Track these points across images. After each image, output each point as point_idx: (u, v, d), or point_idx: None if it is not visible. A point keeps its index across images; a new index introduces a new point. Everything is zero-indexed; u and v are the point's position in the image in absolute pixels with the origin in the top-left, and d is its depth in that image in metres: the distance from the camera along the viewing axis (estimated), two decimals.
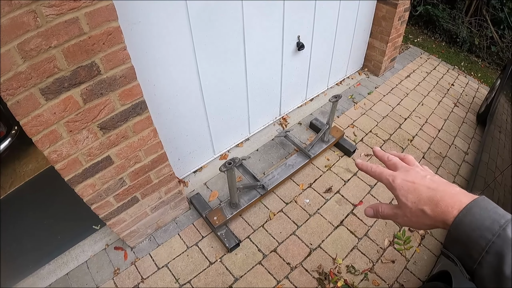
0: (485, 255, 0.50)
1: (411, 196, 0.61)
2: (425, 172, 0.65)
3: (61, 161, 1.62)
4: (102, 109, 1.61)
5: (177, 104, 2.39)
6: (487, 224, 0.51)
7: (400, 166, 0.68)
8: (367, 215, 0.72)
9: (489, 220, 0.51)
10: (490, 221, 0.51)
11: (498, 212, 0.52)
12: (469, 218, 0.53)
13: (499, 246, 0.49)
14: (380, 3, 3.83)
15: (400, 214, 0.64)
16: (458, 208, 0.55)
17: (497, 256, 0.49)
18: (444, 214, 0.56)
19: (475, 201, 0.54)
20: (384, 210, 0.68)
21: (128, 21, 1.77)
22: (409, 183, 0.62)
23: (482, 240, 0.50)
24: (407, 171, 0.65)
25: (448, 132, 3.83)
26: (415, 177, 0.63)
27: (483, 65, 6.13)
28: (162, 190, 2.29)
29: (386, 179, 0.66)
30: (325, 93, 4.02)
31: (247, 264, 2.41)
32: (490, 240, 0.49)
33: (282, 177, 2.82)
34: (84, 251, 2.45)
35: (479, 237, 0.51)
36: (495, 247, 0.49)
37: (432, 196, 0.59)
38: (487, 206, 0.53)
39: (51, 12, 1.24)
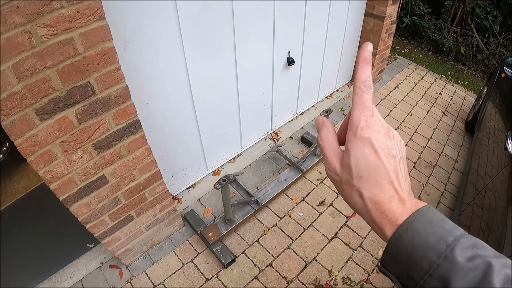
0: (428, 278, 0.41)
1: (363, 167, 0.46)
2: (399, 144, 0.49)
3: (56, 181, 1.62)
4: (96, 129, 1.62)
5: (170, 122, 2.40)
6: (431, 242, 0.41)
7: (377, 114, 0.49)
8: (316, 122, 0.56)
9: (434, 237, 0.41)
10: (435, 238, 0.41)
11: (445, 226, 0.42)
12: (410, 233, 0.43)
13: (445, 270, 0.40)
14: (367, 17, 3.90)
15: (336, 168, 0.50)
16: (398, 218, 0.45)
17: (442, 282, 0.40)
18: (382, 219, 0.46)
19: (418, 212, 0.44)
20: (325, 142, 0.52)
21: (121, 40, 1.78)
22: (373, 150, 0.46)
23: (425, 262, 0.41)
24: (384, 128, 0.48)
25: (437, 141, 3.88)
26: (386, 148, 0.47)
27: (470, 73, 6.24)
28: (156, 207, 2.29)
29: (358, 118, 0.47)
30: (315, 107, 4.05)
31: (243, 280, 2.41)
32: (435, 263, 0.40)
33: (276, 191, 2.83)
34: (78, 269, 2.43)
35: (422, 258, 0.41)
36: (440, 271, 0.40)
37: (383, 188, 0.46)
38: (432, 218, 0.43)
39: (46, 33, 1.25)
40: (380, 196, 0.46)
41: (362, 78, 0.49)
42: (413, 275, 0.42)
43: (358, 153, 0.46)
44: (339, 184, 0.50)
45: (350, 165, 0.47)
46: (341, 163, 0.49)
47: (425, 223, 0.43)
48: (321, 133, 0.53)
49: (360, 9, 3.81)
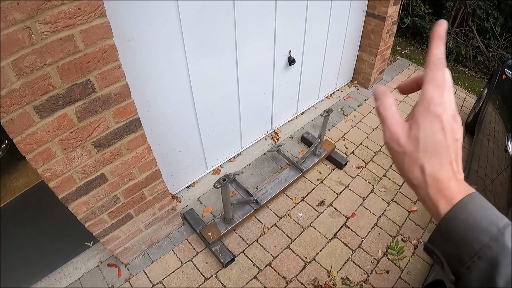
0: (477, 260, 0.42)
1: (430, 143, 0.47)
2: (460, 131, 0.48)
3: (55, 179, 1.61)
4: (96, 127, 1.61)
5: (170, 120, 2.39)
6: (484, 226, 0.43)
7: None
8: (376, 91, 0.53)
9: (486, 220, 0.43)
10: (487, 222, 0.43)
11: (495, 213, 0.44)
12: (464, 214, 0.44)
13: (495, 253, 0.41)
14: (368, 17, 3.89)
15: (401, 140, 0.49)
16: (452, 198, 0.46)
17: (490, 263, 0.41)
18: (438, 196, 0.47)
19: (472, 196, 0.46)
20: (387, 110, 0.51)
21: (122, 37, 1.78)
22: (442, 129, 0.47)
23: (476, 243, 0.43)
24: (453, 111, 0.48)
25: None
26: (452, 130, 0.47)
27: (470, 74, 6.24)
28: (156, 206, 2.28)
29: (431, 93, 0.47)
30: (315, 107, 4.05)
31: (242, 279, 2.40)
32: (486, 244, 0.42)
33: (275, 191, 2.83)
34: (77, 268, 2.42)
35: (474, 240, 0.43)
36: (490, 253, 0.42)
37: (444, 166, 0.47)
38: (483, 204, 0.45)
39: (46, 29, 1.24)
40: (440, 174, 0.47)
41: (438, 55, 0.49)
42: (462, 255, 0.44)
43: (428, 127, 0.47)
44: (401, 156, 0.49)
45: (419, 137, 0.47)
46: (407, 134, 0.48)
47: (478, 207, 0.45)
48: (384, 101, 0.51)
49: (361, 9, 3.80)
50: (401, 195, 3.12)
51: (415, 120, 0.48)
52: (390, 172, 3.35)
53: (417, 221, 2.90)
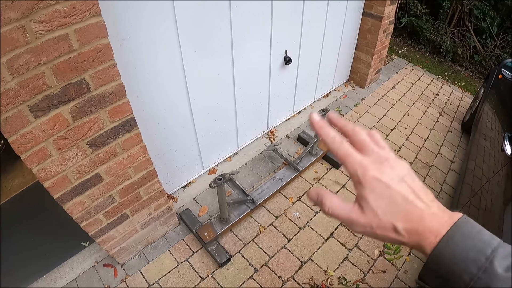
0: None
1: (384, 205, 0.47)
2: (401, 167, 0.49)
3: (50, 179, 1.60)
4: (91, 126, 1.60)
5: (166, 120, 2.38)
6: (471, 257, 0.43)
7: (370, 148, 0.50)
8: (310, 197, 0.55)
9: (473, 251, 0.43)
10: (474, 252, 0.43)
11: (482, 238, 0.44)
12: (450, 249, 0.44)
13: (486, 282, 0.42)
14: (365, 16, 3.90)
15: (362, 221, 0.49)
16: (436, 234, 0.46)
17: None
18: (420, 238, 0.47)
19: (457, 226, 0.45)
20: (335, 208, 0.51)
21: (117, 37, 1.77)
22: (383, 185, 0.47)
23: (466, 275, 0.43)
24: (380, 162, 0.49)
25: (434, 141, 3.88)
26: (391, 178, 0.48)
27: (467, 74, 6.24)
28: (151, 206, 2.28)
29: (353, 169, 0.49)
30: (312, 106, 4.05)
31: (238, 279, 2.40)
32: (475, 275, 0.42)
33: (271, 191, 2.82)
34: (73, 268, 2.42)
35: (463, 272, 0.43)
36: (481, 283, 0.42)
37: (409, 211, 0.47)
38: (470, 231, 0.45)
39: (41, 28, 1.23)
40: (411, 221, 0.47)
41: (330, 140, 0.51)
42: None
43: (373, 195, 0.48)
44: (373, 232, 0.49)
45: (373, 208, 0.48)
46: (363, 212, 0.49)
47: (464, 237, 0.44)
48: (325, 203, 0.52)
49: (358, 8, 3.80)
50: None
51: (361, 197, 0.49)
52: None
53: None
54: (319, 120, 0.53)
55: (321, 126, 0.52)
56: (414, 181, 0.49)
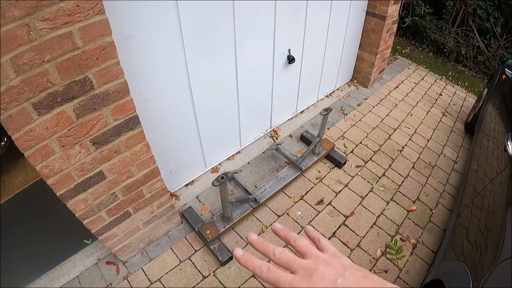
0: None
1: None
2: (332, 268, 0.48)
3: (53, 176, 1.61)
4: (94, 124, 1.61)
5: (169, 118, 2.39)
6: None
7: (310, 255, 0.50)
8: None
9: None
10: None
11: None
12: None
13: None
14: (369, 16, 3.89)
15: None
16: None
17: None
18: None
19: None
20: None
21: (121, 35, 1.78)
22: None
23: None
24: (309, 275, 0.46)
25: (437, 141, 3.87)
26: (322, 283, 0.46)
27: (470, 74, 6.23)
28: (154, 204, 2.28)
29: None
30: (315, 105, 4.05)
31: (240, 278, 2.40)
32: None
33: (274, 190, 2.82)
34: (75, 265, 2.42)
35: None
36: None
37: None
38: None
39: (45, 26, 1.24)
40: None
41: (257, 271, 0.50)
42: None
43: None
44: None
45: None
46: None
47: None
48: None
49: (362, 8, 3.80)
50: (400, 195, 3.12)
51: None
52: (389, 171, 3.35)
53: (416, 221, 2.90)
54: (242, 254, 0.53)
55: (246, 260, 0.52)
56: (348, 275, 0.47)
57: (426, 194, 3.19)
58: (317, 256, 0.50)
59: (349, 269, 0.48)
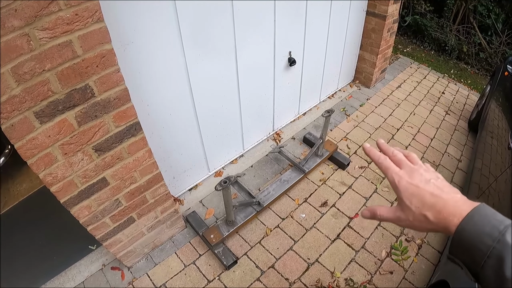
0: (487, 259, 0.53)
1: (415, 201, 0.62)
2: (429, 174, 0.65)
3: (56, 183, 1.61)
4: (96, 131, 1.61)
5: (171, 123, 2.39)
6: (487, 231, 0.53)
7: (405, 164, 0.68)
8: (364, 216, 0.72)
9: (489, 226, 0.54)
10: (490, 228, 0.53)
11: (497, 218, 0.55)
12: (470, 225, 0.55)
13: (499, 251, 0.52)
14: (369, 16, 3.89)
15: (403, 217, 0.65)
16: (459, 216, 0.57)
17: (498, 260, 0.52)
18: (446, 221, 0.58)
19: (476, 208, 0.57)
20: (383, 213, 0.68)
21: (121, 42, 1.78)
22: (413, 186, 0.63)
23: (483, 246, 0.53)
24: (411, 172, 0.66)
25: (440, 140, 3.86)
26: (420, 180, 0.64)
27: (473, 71, 6.21)
28: (158, 209, 2.29)
29: (391, 177, 0.66)
30: (317, 107, 4.05)
31: (245, 281, 2.40)
32: (491, 246, 0.52)
33: (278, 193, 2.82)
34: (80, 271, 2.43)
35: (481, 243, 0.53)
36: (496, 252, 0.52)
37: (435, 202, 0.60)
38: (487, 212, 0.56)
39: (45, 36, 1.24)
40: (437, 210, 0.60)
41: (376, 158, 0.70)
42: (476, 258, 0.54)
43: (407, 194, 0.64)
44: (413, 224, 0.64)
45: (408, 205, 0.63)
46: (402, 211, 0.65)
47: (481, 216, 0.56)
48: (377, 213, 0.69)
49: (362, 8, 3.80)
50: None
51: (399, 199, 0.66)
52: None
53: None
54: (369, 146, 0.73)
55: (370, 150, 0.72)
56: (440, 181, 0.64)
57: None
58: (421, 166, 0.67)
59: (441, 178, 0.65)
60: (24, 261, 2.51)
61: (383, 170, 0.68)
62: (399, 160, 0.69)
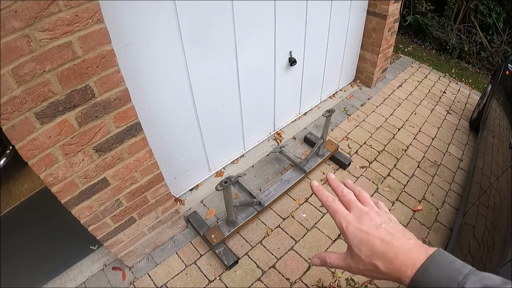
0: None
1: (365, 249, 0.57)
2: (380, 217, 0.60)
3: (57, 184, 1.62)
4: (97, 132, 1.62)
5: (172, 123, 2.39)
6: (444, 283, 0.48)
7: (355, 206, 0.62)
8: (314, 264, 0.67)
9: (446, 278, 0.49)
10: (447, 279, 0.48)
11: (454, 267, 0.50)
12: (425, 278, 0.50)
13: None
14: (369, 15, 3.88)
15: (353, 265, 0.60)
16: (412, 267, 0.52)
17: None
18: (398, 272, 0.54)
19: (431, 257, 0.52)
20: (333, 261, 0.63)
21: (121, 42, 1.79)
22: (362, 232, 0.58)
23: None
24: (361, 215, 0.60)
25: (441, 140, 3.85)
26: (369, 225, 0.58)
27: (474, 71, 6.20)
28: (159, 209, 2.29)
29: (339, 222, 0.61)
30: (318, 107, 4.05)
31: (246, 281, 2.40)
32: None
33: (278, 192, 2.82)
34: (81, 271, 2.43)
35: None
36: None
37: (386, 251, 0.55)
38: (443, 261, 0.51)
39: (45, 37, 1.25)
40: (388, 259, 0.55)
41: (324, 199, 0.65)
42: None
43: (355, 242, 0.58)
44: (363, 272, 0.59)
45: (357, 253, 0.58)
46: (351, 259, 0.60)
47: (437, 267, 0.51)
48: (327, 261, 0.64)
49: (362, 7, 3.79)
50: (405, 195, 3.11)
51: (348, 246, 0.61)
52: (394, 171, 3.34)
53: (422, 221, 2.89)
54: (317, 185, 0.68)
55: (318, 190, 0.67)
56: (392, 225, 0.59)
57: (431, 193, 3.17)
58: (372, 207, 0.62)
59: (393, 221, 0.60)
60: (26, 261, 2.52)
61: (331, 213, 0.63)
62: (349, 201, 0.64)
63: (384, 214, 0.61)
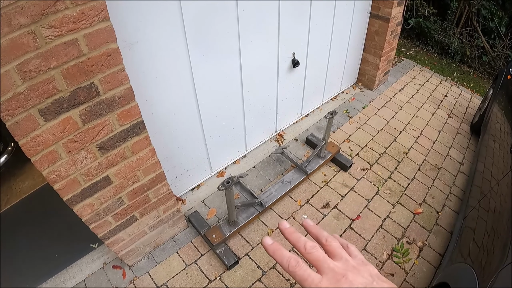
0: None
1: None
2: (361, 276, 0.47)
3: (60, 181, 1.62)
4: (101, 129, 1.62)
5: (175, 123, 2.40)
6: None
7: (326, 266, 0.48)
8: None
9: None
10: None
11: None
12: None
13: None
14: (372, 18, 3.89)
15: None
16: None
17: None
18: None
19: None
20: None
21: (126, 41, 1.79)
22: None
23: None
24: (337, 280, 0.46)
25: (443, 143, 3.86)
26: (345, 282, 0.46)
27: (475, 75, 6.20)
28: (160, 208, 2.29)
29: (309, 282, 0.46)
30: (320, 109, 4.05)
31: (246, 282, 2.40)
32: None
33: (280, 193, 2.82)
34: (81, 269, 2.43)
35: None
36: None
37: None
38: None
39: (51, 34, 1.25)
40: None
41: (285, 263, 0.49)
42: None
43: None
44: None
45: None
46: None
47: None
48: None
49: (365, 10, 3.80)
50: (406, 197, 3.11)
51: None
52: (395, 174, 3.34)
53: (423, 223, 2.89)
54: (271, 244, 0.51)
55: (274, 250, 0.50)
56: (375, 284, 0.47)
57: (432, 196, 3.17)
58: (347, 261, 0.49)
59: (376, 279, 0.48)
60: (26, 258, 2.52)
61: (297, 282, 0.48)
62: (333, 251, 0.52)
63: (362, 268, 0.49)
